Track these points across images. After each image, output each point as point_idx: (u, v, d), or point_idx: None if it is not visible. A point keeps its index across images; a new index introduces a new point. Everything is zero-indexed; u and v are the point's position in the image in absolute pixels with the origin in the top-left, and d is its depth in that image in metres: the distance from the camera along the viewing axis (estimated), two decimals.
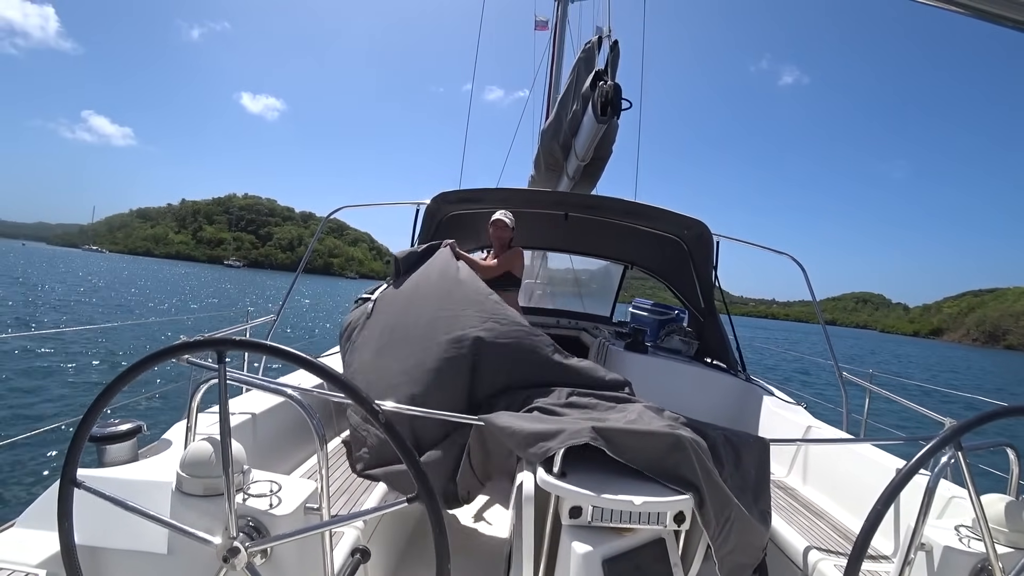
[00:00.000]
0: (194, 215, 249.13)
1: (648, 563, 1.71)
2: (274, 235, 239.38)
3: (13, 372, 10.39)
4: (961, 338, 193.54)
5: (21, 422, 7.80)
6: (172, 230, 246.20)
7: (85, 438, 1.23)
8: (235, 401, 2.41)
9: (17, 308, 22.06)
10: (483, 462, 2.33)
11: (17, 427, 7.45)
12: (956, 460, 1.36)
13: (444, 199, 4.32)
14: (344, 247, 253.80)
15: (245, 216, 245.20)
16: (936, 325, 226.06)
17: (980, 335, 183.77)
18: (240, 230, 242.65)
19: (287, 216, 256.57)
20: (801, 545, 2.25)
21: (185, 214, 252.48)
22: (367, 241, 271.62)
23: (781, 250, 4.43)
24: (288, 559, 1.32)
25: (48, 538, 1.39)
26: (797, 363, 24.11)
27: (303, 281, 75.64)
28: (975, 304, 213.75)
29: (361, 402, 1.15)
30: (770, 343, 25.44)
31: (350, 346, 2.96)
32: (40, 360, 11.74)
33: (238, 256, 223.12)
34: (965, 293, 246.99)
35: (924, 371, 44.00)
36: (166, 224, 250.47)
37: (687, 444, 1.82)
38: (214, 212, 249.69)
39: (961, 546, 1.49)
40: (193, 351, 1.23)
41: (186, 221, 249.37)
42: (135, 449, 1.81)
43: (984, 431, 1.42)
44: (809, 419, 3.38)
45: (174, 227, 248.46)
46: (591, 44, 4.75)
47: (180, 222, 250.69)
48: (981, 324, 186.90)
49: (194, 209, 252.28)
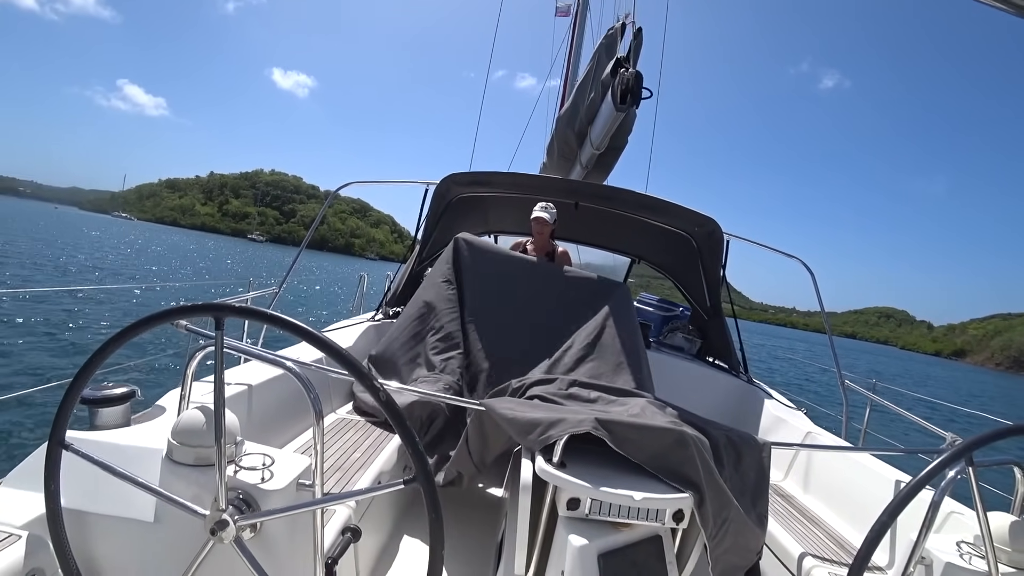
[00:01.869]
0: (221, 188, 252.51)
1: (644, 559, 1.69)
2: (298, 212, 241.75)
3: (6, 330, 10.39)
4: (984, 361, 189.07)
5: (19, 379, 7.79)
6: (199, 201, 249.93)
7: (76, 399, 1.21)
8: (231, 371, 2.39)
9: (27, 268, 22.49)
10: (480, 448, 2.32)
11: (10, 387, 7.35)
12: (965, 476, 1.33)
13: (454, 180, 4.28)
14: (366, 228, 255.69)
15: (271, 192, 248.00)
16: (959, 346, 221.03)
17: (1004, 359, 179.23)
18: (265, 205, 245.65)
19: (311, 194, 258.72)
20: (796, 551, 2.23)
21: (212, 186, 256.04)
22: (389, 223, 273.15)
23: (792, 254, 4.35)
24: (277, 535, 1.30)
25: (34, 499, 1.37)
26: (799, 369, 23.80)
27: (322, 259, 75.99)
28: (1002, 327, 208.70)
29: (362, 378, 1.12)
30: (777, 351, 25.20)
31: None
32: (39, 318, 11.74)
33: (262, 231, 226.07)
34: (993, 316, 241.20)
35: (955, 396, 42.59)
36: (193, 195, 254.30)
37: (691, 441, 1.79)
38: (241, 186, 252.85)
39: (962, 563, 1.47)
40: (190, 316, 1.20)
41: (213, 193, 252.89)
42: (128, 414, 1.78)
43: (993, 449, 1.39)
44: (809, 425, 3.34)
45: (201, 199, 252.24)
46: (614, 30, 4.65)
47: (207, 194, 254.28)
48: (1007, 348, 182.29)
49: (221, 182, 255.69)
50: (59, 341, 10.35)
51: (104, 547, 1.40)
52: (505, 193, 4.64)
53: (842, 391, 3.83)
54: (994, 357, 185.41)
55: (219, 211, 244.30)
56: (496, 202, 4.85)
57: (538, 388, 2.50)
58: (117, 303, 15.42)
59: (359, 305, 5.35)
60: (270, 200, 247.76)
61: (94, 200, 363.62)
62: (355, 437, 2.65)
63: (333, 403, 3.03)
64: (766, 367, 25.19)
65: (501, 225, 5.10)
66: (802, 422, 3.39)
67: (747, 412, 3.77)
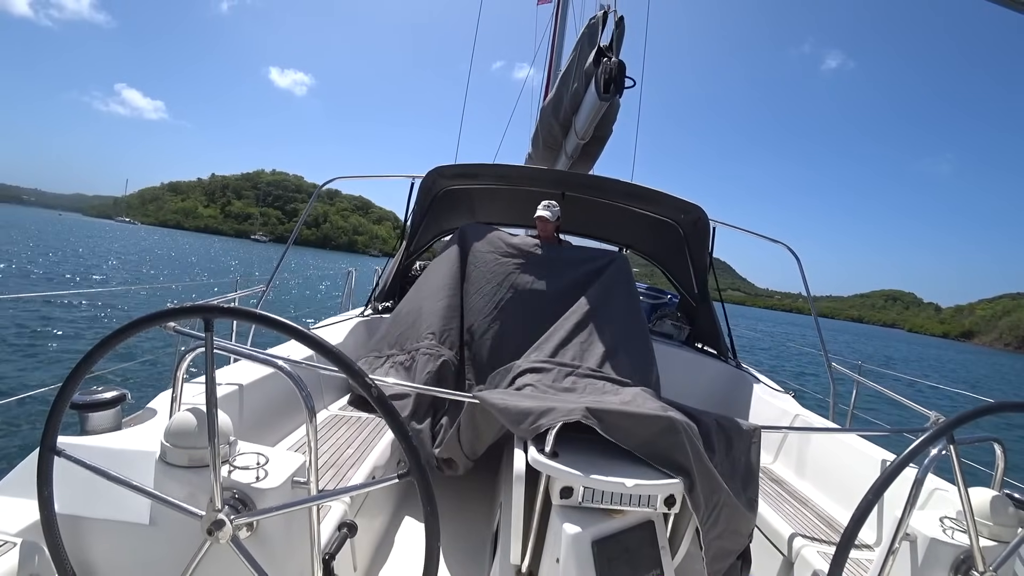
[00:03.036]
0: (223, 189, 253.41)
1: (637, 545, 1.72)
2: (300, 211, 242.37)
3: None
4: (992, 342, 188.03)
5: (4, 386, 7.65)
6: (201, 204, 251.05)
7: (66, 404, 1.21)
8: (222, 372, 2.40)
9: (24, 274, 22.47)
10: (472, 439, 2.34)
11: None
12: (947, 453, 1.35)
13: (440, 173, 4.28)
14: (368, 225, 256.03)
15: (272, 192, 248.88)
16: (967, 327, 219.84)
17: (1013, 340, 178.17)
18: (267, 205, 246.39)
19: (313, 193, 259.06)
20: (786, 532, 2.26)
21: (214, 188, 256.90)
22: (392, 220, 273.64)
23: (777, 239, 4.35)
24: (274, 533, 1.30)
25: (27, 506, 1.38)
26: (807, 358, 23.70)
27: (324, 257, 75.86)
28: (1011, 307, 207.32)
29: (353, 375, 1.13)
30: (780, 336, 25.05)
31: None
32: (29, 324, 11.59)
33: (264, 231, 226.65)
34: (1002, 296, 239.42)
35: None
36: (195, 198, 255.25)
37: (680, 427, 1.82)
38: (242, 187, 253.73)
39: (945, 537, 1.50)
40: (179, 318, 1.19)
41: (215, 195, 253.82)
42: (119, 418, 1.77)
43: (975, 426, 1.42)
44: (797, 408, 3.37)
45: (203, 201, 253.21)
46: (596, 19, 4.63)
47: (209, 196, 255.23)
48: (1015, 328, 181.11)
49: (223, 184, 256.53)
50: (44, 349, 10.27)
51: (100, 551, 1.40)
52: (491, 185, 4.64)
53: (829, 373, 3.85)
54: (1003, 337, 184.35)
55: (222, 212, 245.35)
56: (483, 194, 4.85)
57: (531, 377, 2.52)
58: (103, 308, 15.24)
59: (347, 301, 5.37)
60: (272, 200, 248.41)
61: (98, 206, 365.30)
62: (348, 433, 2.66)
63: (325, 400, 3.05)
64: (775, 354, 25.08)
65: (488, 217, 5.11)
66: (790, 405, 3.41)
67: (736, 396, 3.79)
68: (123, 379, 6.69)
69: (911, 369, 36.10)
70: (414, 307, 3.44)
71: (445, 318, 3.32)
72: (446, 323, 3.30)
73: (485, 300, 3.39)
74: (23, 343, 10.24)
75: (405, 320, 3.40)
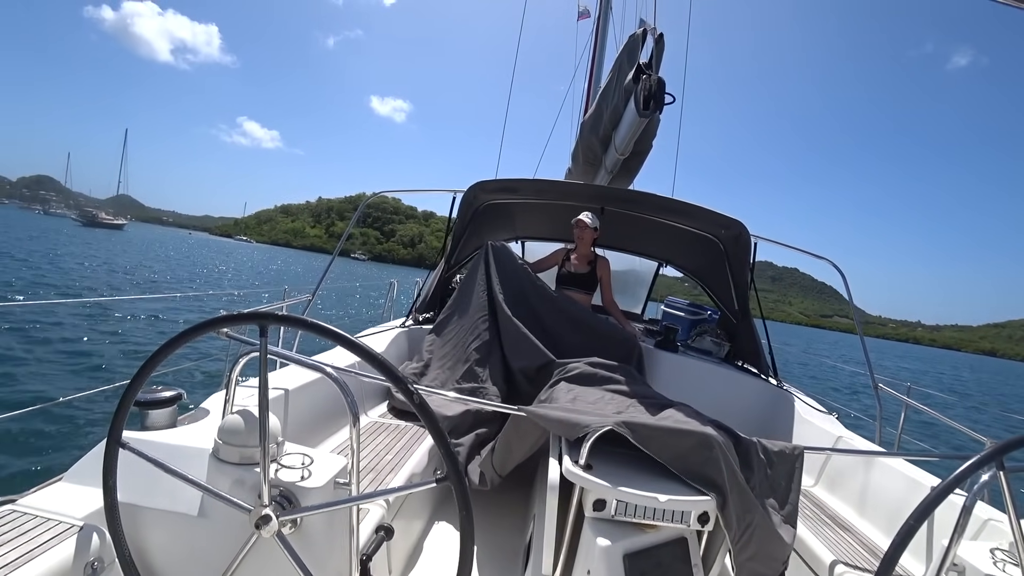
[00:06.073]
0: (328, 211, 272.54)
1: (669, 561, 1.69)
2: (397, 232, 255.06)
3: (72, 336, 11.14)
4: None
5: (74, 382, 8.20)
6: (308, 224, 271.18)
7: (131, 402, 1.28)
8: (271, 376, 2.58)
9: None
10: (503, 456, 2.42)
11: (68, 387, 7.82)
12: (997, 480, 1.27)
13: (481, 188, 4.42)
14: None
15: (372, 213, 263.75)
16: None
17: None
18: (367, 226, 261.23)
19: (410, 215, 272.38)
20: (827, 558, 2.17)
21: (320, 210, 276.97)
22: None
23: (821, 255, 4.13)
24: (316, 531, 1.35)
25: (91, 493, 1.49)
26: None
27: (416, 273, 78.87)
28: None
29: (396, 381, 1.16)
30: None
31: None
32: (100, 325, 12.52)
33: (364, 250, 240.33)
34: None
35: None
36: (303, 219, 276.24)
37: (714, 443, 1.79)
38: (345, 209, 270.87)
39: (995, 570, 1.43)
40: (236, 324, 1.23)
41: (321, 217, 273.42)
42: (175, 416, 1.85)
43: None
44: (840, 429, 3.20)
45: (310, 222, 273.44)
46: (635, 36, 4.68)
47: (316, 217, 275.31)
48: None
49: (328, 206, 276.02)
50: (118, 346, 11.22)
51: (153, 538, 1.48)
52: (532, 200, 4.75)
53: (876, 395, 3.60)
54: None
55: (326, 232, 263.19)
56: (523, 209, 4.96)
57: (577, 390, 2.57)
58: (166, 313, 16.33)
59: (389, 311, 5.62)
60: (372, 221, 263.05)
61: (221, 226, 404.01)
62: (387, 440, 2.74)
63: (365, 406, 3.16)
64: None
65: (528, 231, 5.21)
66: (834, 427, 3.24)
67: (777, 416, 3.63)
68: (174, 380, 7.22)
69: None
70: (449, 347, 3.64)
71: (480, 356, 3.50)
72: (482, 360, 3.47)
73: (512, 327, 3.58)
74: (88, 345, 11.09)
75: (443, 363, 3.60)
